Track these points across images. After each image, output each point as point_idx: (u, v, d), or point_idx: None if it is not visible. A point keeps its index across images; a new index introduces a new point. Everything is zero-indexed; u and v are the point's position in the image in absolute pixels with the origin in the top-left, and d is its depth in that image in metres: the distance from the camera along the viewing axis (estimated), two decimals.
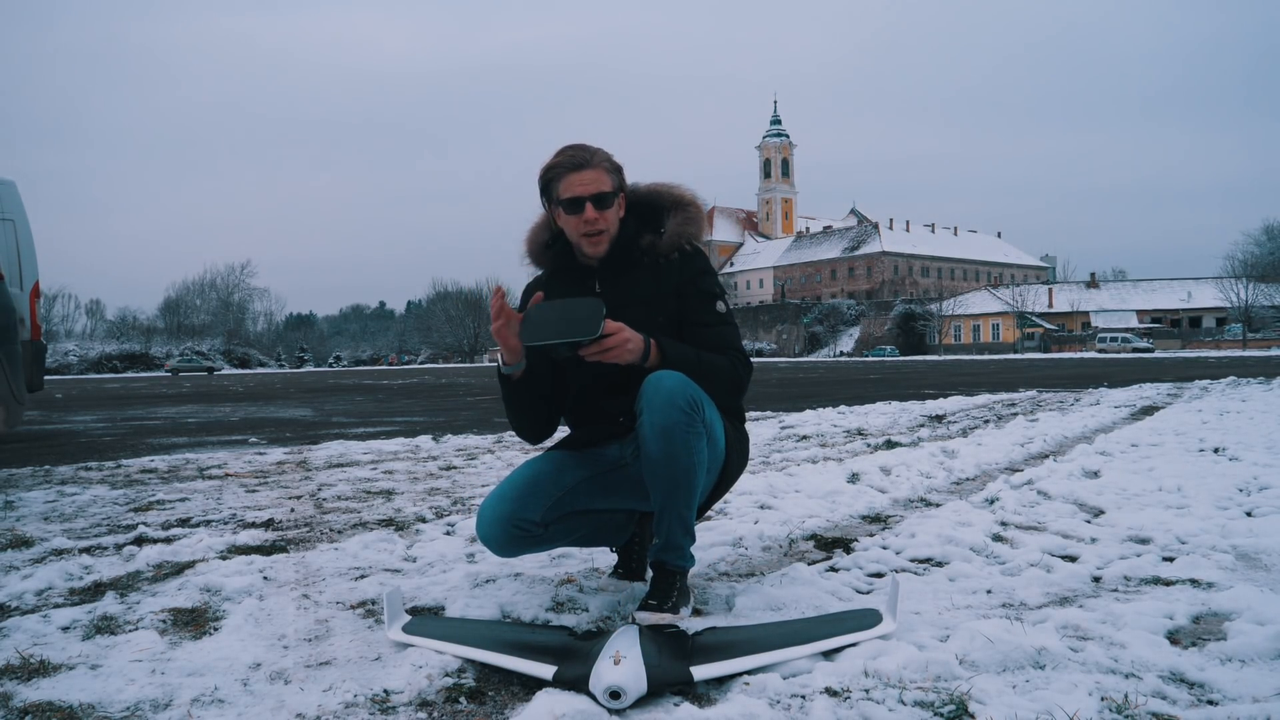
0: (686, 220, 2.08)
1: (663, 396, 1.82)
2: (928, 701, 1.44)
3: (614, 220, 2.02)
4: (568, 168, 1.97)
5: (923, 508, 3.30)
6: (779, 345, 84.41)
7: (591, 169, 1.97)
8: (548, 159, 2.01)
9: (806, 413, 8.28)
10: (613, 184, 2.00)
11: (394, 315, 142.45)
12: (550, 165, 1.99)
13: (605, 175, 1.98)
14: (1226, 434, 5.38)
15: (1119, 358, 43.19)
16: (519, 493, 2.00)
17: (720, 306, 2.05)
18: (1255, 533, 2.64)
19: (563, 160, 1.98)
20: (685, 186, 2.13)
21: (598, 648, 1.62)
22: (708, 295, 2.05)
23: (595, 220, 1.97)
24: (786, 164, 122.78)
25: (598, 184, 1.96)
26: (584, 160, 1.97)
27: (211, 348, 76.24)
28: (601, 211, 1.97)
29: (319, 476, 4.53)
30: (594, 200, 1.96)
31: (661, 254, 2.04)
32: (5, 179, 6.94)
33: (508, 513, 1.97)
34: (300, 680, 1.62)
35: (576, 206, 1.96)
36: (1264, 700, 1.44)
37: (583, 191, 1.96)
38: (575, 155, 1.98)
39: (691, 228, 2.08)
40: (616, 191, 2.01)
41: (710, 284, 2.06)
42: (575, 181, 1.96)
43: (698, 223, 2.09)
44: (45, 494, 3.98)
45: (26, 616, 2.01)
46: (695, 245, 2.08)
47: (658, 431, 1.81)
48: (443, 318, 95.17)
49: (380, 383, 24.98)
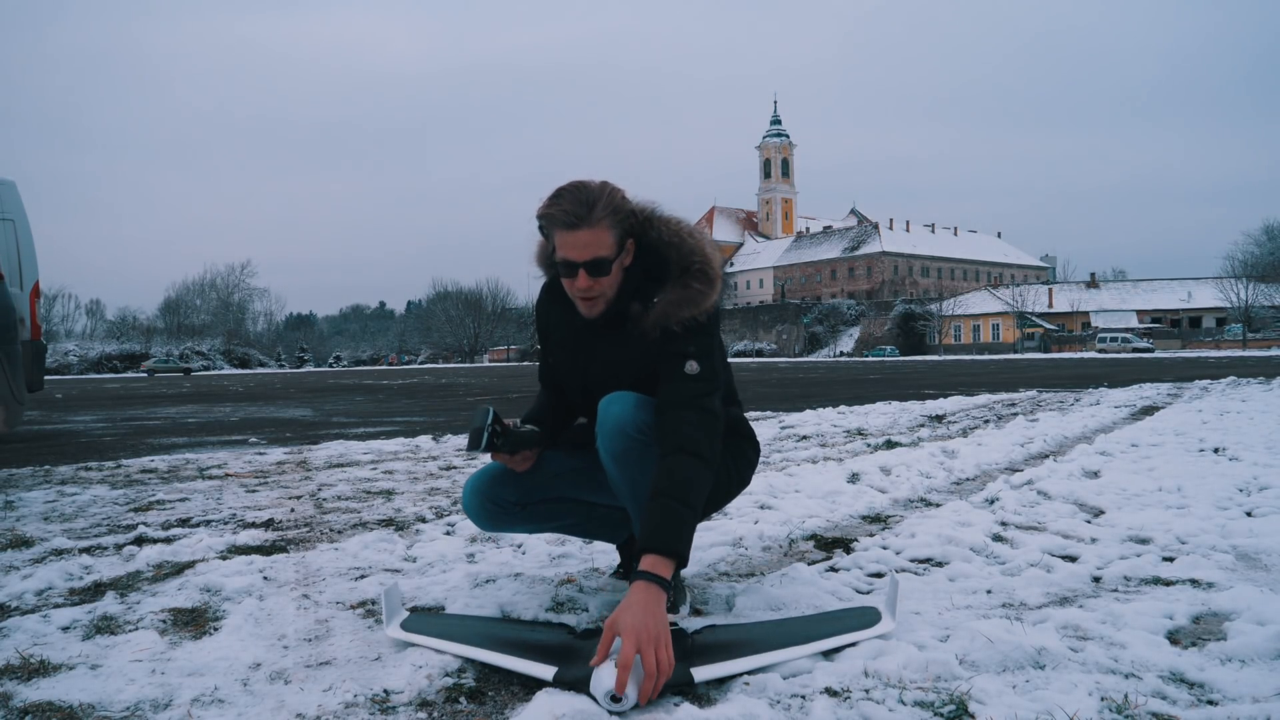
0: (683, 301, 1.80)
1: (611, 423, 1.81)
2: (928, 701, 1.44)
3: (613, 283, 1.82)
4: (562, 224, 1.74)
5: (923, 508, 3.30)
6: (779, 345, 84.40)
7: (588, 229, 1.74)
8: (544, 199, 1.79)
9: (806, 413, 8.28)
10: (613, 243, 1.77)
11: (394, 315, 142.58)
12: (544, 213, 1.78)
13: (606, 234, 1.75)
14: (1226, 434, 5.38)
15: (1119, 358, 43.18)
16: (501, 470, 2.02)
17: (690, 367, 1.79)
18: (1255, 533, 2.64)
19: (556, 213, 1.75)
20: (703, 243, 1.86)
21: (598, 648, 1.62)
22: (677, 355, 1.80)
23: (589, 288, 1.79)
24: (786, 164, 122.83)
25: (595, 247, 1.75)
26: (579, 217, 1.73)
27: (211, 348, 76.21)
28: (597, 279, 1.78)
29: (319, 476, 4.52)
30: (589, 267, 1.76)
31: (643, 329, 1.82)
32: (5, 179, 6.94)
33: (484, 487, 2.01)
34: (300, 680, 1.62)
35: (570, 271, 1.78)
36: (1264, 700, 1.44)
37: (577, 257, 1.75)
38: (571, 211, 1.74)
39: (685, 310, 1.80)
40: (619, 248, 1.79)
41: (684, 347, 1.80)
42: (569, 243, 1.75)
43: (696, 303, 1.81)
44: (45, 494, 3.98)
45: (26, 616, 2.00)
46: (688, 323, 1.81)
47: (612, 458, 1.83)
48: (443, 318, 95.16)
49: (380, 383, 24.98)
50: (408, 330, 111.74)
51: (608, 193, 1.78)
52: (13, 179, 7.02)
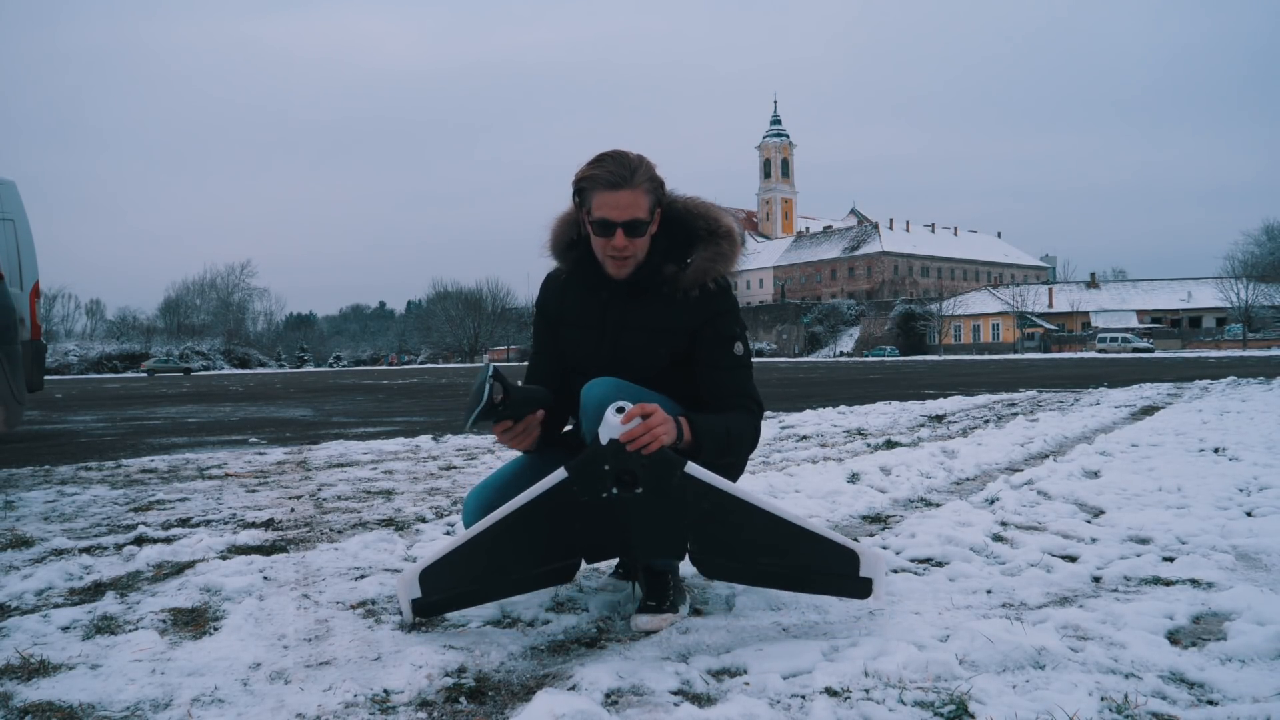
0: (717, 256, 1.94)
1: (593, 405, 1.80)
2: (928, 701, 1.45)
3: (644, 246, 1.91)
4: (605, 184, 1.84)
5: (923, 508, 3.30)
6: (779, 345, 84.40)
7: (630, 189, 1.84)
8: (585, 164, 1.88)
9: (806, 413, 8.28)
10: (649, 207, 1.87)
11: (394, 315, 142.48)
12: (586, 175, 1.87)
13: (644, 197, 1.85)
14: (1226, 434, 5.38)
15: (1119, 358, 43.19)
16: (504, 482, 2.01)
17: (738, 349, 1.96)
18: (1255, 533, 2.63)
19: (600, 174, 1.84)
20: (724, 212, 2.00)
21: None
22: (726, 338, 1.94)
23: (625, 247, 1.87)
24: (786, 164, 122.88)
25: (634, 209, 1.84)
26: (623, 178, 1.83)
27: (211, 348, 76.18)
28: (632, 239, 1.87)
29: (319, 476, 4.52)
30: (626, 227, 1.85)
31: (682, 289, 1.92)
32: (5, 179, 6.94)
33: (490, 500, 1.99)
34: (300, 680, 1.62)
35: (607, 230, 1.86)
36: (1264, 700, 1.44)
37: (616, 216, 1.84)
38: (615, 171, 1.84)
39: (720, 265, 1.94)
40: (652, 213, 1.89)
41: (729, 326, 1.95)
42: (610, 203, 1.84)
43: (728, 259, 1.95)
44: (45, 494, 3.98)
45: (26, 616, 2.00)
46: (720, 282, 1.95)
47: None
48: (443, 318, 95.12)
49: (380, 383, 24.98)
50: (408, 330, 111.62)
51: (646, 162, 1.90)
52: (13, 179, 7.02)
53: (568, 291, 2.06)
